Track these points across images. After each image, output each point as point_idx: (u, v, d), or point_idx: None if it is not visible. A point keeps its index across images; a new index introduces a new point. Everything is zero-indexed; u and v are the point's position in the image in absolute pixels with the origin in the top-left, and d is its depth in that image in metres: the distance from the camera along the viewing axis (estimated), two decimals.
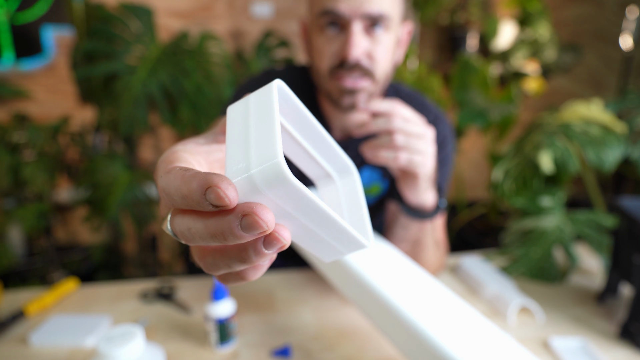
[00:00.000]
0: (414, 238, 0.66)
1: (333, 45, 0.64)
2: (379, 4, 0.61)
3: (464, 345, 0.45)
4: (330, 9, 0.61)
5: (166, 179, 0.22)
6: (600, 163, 0.94)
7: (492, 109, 1.54)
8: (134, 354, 0.48)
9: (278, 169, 0.19)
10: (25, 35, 1.93)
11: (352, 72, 0.64)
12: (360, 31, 0.62)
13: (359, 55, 0.62)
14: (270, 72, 0.81)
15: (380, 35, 0.63)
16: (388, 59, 0.66)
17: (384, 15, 0.61)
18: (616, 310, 0.75)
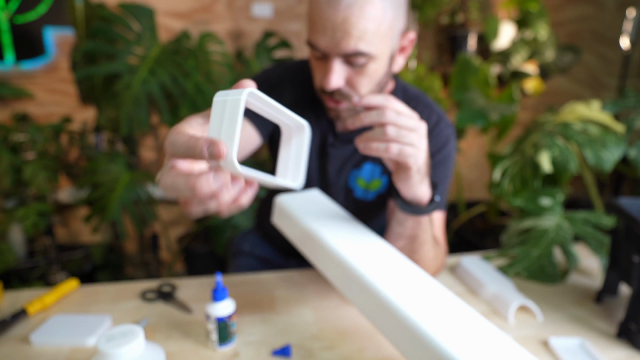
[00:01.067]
0: (410, 234, 0.66)
1: (319, 71, 0.69)
2: (356, 42, 0.62)
3: (464, 345, 0.45)
4: (313, 43, 0.65)
5: (177, 136, 0.36)
6: (599, 163, 0.94)
7: (492, 109, 1.54)
8: (134, 354, 0.48)
9: (232, 162, 0.35)
10: (26, 35, 1.94)
11: (334, 97, 0.69)
12: (339, 64, 0.65)
13: (337, 85, 0.66)
14: (281, 65, 0.85)
15: (361, 67, 0.65)
16: (373, 81, 0.68)
17: (361, 52, 0.62)
18: (615, 310, 0.75)
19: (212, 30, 2.08)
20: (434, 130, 0.78)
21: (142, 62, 1.59)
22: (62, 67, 2.01)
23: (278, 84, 0.81)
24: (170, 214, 2.29)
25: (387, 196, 0.84)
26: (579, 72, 2.58)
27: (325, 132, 0.81)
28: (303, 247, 0.67)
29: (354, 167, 0.82)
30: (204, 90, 1.75)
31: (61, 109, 2.05)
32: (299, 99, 0.81)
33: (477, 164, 2.63)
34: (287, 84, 0.81)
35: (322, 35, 0.62)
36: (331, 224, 0.66)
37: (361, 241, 0.63)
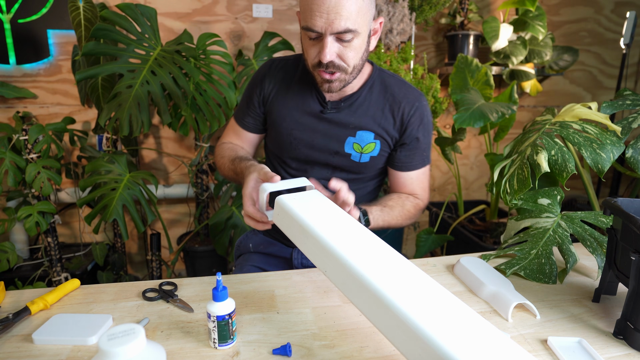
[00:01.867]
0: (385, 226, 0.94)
1: (314, 48, 0.86)
2: (345, 21, 0.79)
3: (463, 344, 0.45)
4: (310, 27, 0.81)
5: (246, 208, 0.81)
6: (597, 163, 0.94)
7: (491, 110, 1.55)
8: (135, 352, 0.49)
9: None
10: (28, 36, 1.94)
11: (328, 69, 0.86)
12: (332, 40, 0.82)
13: (331, 58, 0.84)
14: (271, 60, 1.06)
15: (348, 42, 0.83)
16: (357, 55, 0.86)
17: (350, 29, 0.80)
18: (612, 308, 0.75)
19: (213, 31, 2.09)
20: (415, 103, 0.99)
21: (143, 62, 1.59)
22: (63, 67, 2.02)
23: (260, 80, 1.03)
24: (171, 214, 2.30)
25: (379, 159, 1.02)
26: (577, 72, 2.58)
27: (314, 103, 0.99)
28: (303, 247, 0.68)
29: (350, 136, 0.98)
30: (204, 90, 1.76)
31: (63, 109, 2.06)
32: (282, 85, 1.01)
33: (476, 164, 2.63)
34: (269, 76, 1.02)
35: (319, 17, 0.79)
36: (331, 224, 0.66)
37: (360, 241, 0.63)
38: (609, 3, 2.50)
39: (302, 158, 1.01)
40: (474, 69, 1.90)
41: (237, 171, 0.94)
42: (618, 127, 1.00)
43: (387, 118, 0.98)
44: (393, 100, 0.98)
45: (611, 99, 1.16)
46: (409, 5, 2.07)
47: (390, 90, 0.99)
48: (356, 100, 0.97)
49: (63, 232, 2.20)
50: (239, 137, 1.09)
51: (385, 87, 0.99)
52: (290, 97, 1.00)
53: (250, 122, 1.06)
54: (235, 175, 0.96)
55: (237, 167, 0.94)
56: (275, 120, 1.01)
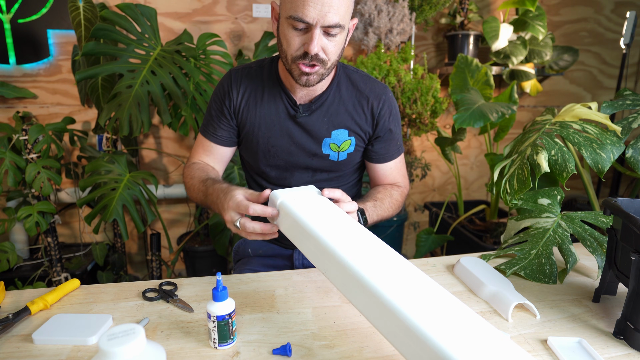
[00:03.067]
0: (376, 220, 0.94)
1: (299, 39, 0.84)
2: (335, 16, 0.80)
3: (463, 344, 0.45)
4: (300, 17, 0.80)
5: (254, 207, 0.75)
6: (597, 163, 0.94)
7: (491, 110, 1.55)
8: (135, 352, 0.49)
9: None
10: (28, 36, 1.94)
11: (311, 61, 0.85)
12: (320, 34, 0.82)
13: (317, 50, 0.83)
14: (230, 70, 1.02)
15: (334, 36, 0.83)
16: (339, 50, 0.87)
17: (339, 24, 0.81)
18: (612, 308, 0.75)
19: (213, 31, 2.09)
20: (384, 97, 1.00)
21: (143, 62, 1.59)
22: (63, 67, 2.02)
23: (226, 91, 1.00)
24: (171, 214, 2.30)
25: (355, 155, 1.03)
26: (577, 72, 2.58)
27: (285, 107, 0.97)
28: (303, 248, 0.68)
29: (326, 137, 0.98)
30: (204, 90, 1.76)
31: (63, 109, 2.06)
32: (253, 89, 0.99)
33: (476, 164, 2.63)
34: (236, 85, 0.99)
35: (312, 8, 0.79)
36: (331, 225, 0.66)
37: (360, 242, 0.63)
38: (609, 3, 2.50)
39: (282, 165, 1.00)
40: (474, 69, 1.90)
41: (207, 192, 0.89)
42: (618, 127, 1.00)
43: (358, 114, 0.99)
44: (360, 95, 0.99)
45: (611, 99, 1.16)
46: (409, 5, 2.07)
47: (357, 86, 0.99)
48: (326, 99, 0.97)
49: (63, 232, 2.20)
50: (209, 154, 1.04)
51: (352, 83, 0.99)
52: (261, 105, 0.98)
53: (223, 135, 1.01)
54: (205, 198, 0.91)
55: (209, 188, 0.89)
56: (250, 131, 0.99)
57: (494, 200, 2.02)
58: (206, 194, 0.90)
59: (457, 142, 1.96)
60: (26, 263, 1.92)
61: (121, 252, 2.05)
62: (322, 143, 0.98)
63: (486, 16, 2.38)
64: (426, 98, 1.91)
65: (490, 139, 1.98)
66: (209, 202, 0.89)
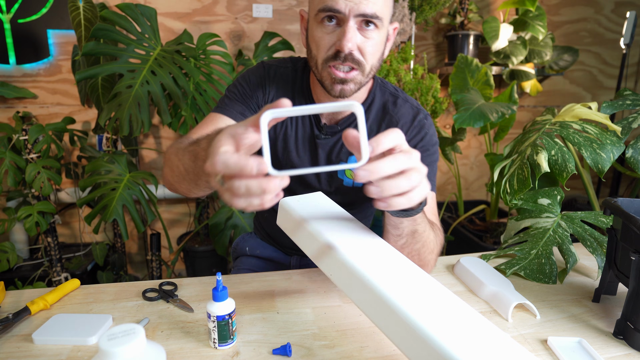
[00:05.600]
0: (408, 231, 0.67)
1: (330, 37, 0.72)
2: (373, 6, 0.69)
3: (464, 344, 0.45)
4: (330, 7, 0.69)
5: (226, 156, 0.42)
6: (597, 163, 0.94)
7: (491, 110, 1.55)
8: (135, 353, 0.49)
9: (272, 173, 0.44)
10: (28, 36, 1.94)
11: (345, 63, 0.72)
12: (354, 27, 0.70)
13: (352, 47, 0.71)
14: (261, 65, 0.89)
15: (371, 33, 0.72)
16: (377, 53, 0.74)
17: (376, 15, 0.69)
18: (613, 309, 0.75)
19: (213, 31, 2.09)
20: (415, 122, 0.86)
21: (143, 62, 1.59)
22: (63, 67, 2.02)
23: (259, 83, 0.87)
24: (171, 214, 2.30)
25: None
26: (577, 72, 2.58)
27: (310, 125, 0.87)
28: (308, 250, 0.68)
29: (342, 161, 0.87)
30: (204, 90, 1.76)
31: (63, 109, 2.06)
32: (282, 95, 0.86)
33: (476, 164, 2.63)
34: (269, 82, 0.87)
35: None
36: (336, 227, 0.66)
37: (364, 243, 0.63)
38: (609, 3, 2.50)
39: (293, 182, 0.90)
40: (474, 69, 1.91)
41: (197, 152, 0.57)
42: (618, 127, 1.00)
43: None
44: (390, 119, 0.86)
45: (611, 99, 1.16)
46: (409, 5, 2.07)
47: (387, 107, 0.87)
48: (353, 123, 0.85)
49: (63, 232, 2.20)
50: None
51: (383, 103, 0.88)
52: (288, 119, 0.87)
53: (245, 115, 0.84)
54: (194, 160, 0.58)
55: (201, 143, 0.57)
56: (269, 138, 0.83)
57: (494, 200, 2.02)
58: (196, 154, 0.58)
59: (457, 142, 1.96)
60: (26, 263, 1.92)
61: (121, 252, 2.05)
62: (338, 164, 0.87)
63: (486, 16, 2.38)
64: (426, 98, 1.91)
65: (490, 139, 1.98)
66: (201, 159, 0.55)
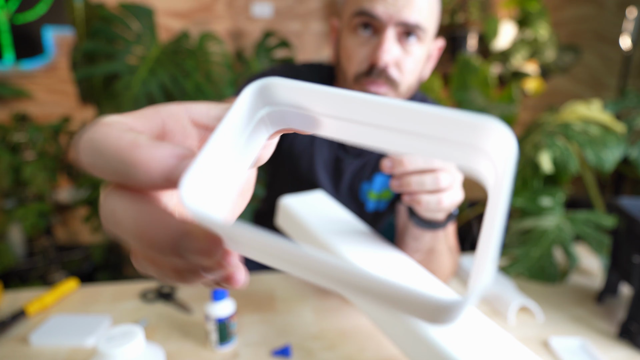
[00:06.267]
0: (427, 247, 0.64)
1: (364, 49, 0.62)
2: (417, 14, 0.59)
3: (465, 344, 0.45)
4: (367, 10, 0.60)
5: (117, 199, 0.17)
6: (600, 163, 0.94)
7: (492, 109, 1.54)
8: (134, 354, 0.48)
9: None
10: (25, 35, 1.94)
11: (378, 80, 0.62)
12: (393, 37, 0.60)
13: (389, 62, 0.61)
14: (289, 66, 0.80)
15: (412, 46, 0.62)
16: (416, 71, 0.64)
17: (420, 26, 0.60)
18: (615, 310, 0.75)
19: (212, 30, 2.08)
20: None
21: (142, 62, 1.59)
22: (61, 67, 2.01)
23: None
24: None
25: (396, 201, 0.82)
26: (580, 72, 2.58)
27: (335, 147, 0.77)
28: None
29: (365, 180, 0.79)
30: (204, 90, 1.75)
31: (61, 108, 2.05)
32: None
33: None
34: None
35: (383, 1, 0.59)
36: (337, 228, 0.65)
37: (366, 244, 0.63)
38: (612, 2, 2.49)
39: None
40: (475, 68, 1.90)
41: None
42: (621, 127, 0.99)
43: None
44: None
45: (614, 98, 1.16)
46: None
47: None
48: None
49: (61, 232, 2.19)
50: None
51: None
52: (309, 138, 0.78)
53: None
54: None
55: None
56: (294, 152, 0.78)
57: None
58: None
59: None
60: (24, 263, 1.91)
61: (119, 252, 2.04)
62: (358, 187, 0.79)
63: (488, 15, 2.37)
64: None
65: None
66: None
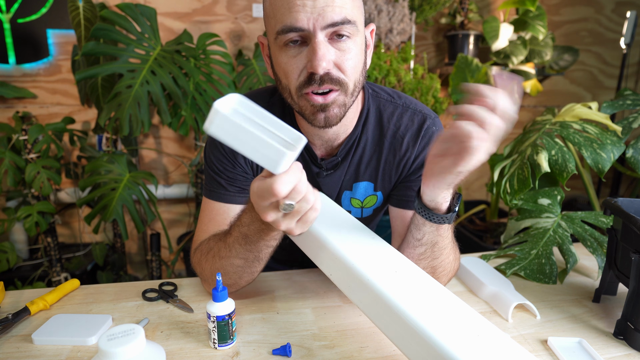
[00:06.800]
0: (429, 240, 0.64)
1: (298, 61, 0.60)
2: (340, 10, 0.57)
3: (464, 344, 0.45)
4: (290, 25, 0.57)
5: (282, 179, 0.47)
6: (597, 163, 0.94)
7: None
8: (135, 353, 0.49)
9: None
10: (27, 36, 1.94)
11: (323, 85, 0.60)
12: (325, 42, 0.58)
13: (327, 66, 0.59)
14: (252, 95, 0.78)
15: (346, 43, 0.60)
16: (358, 65, 0.63)
17: (348, 20, 0.58)
18: (613, 309, 0.75)
19: (213, 31, 2.09)
20: (422, 132, 0.75)
21: (143, 62, 1.59)
22: (63, 67, 2.01)
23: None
24: (171, 214, 2.29)
25: (383, 207, 0.82)
26: (577, 72, 2.58)
27: (306, 162, 0.75)
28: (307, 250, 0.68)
29: (346, 190, 0.78)
30: (204, 90, 1.76)
31: (63, 109, 2.06)
32: None
33: None
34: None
35: (302, 11, 0.56)
36: (336, 228, 0.66)
37: (364, 242, 0.63)
38: (610, 3, 2.50)
39: None
40: (474, 68, 1.90)
41: (243, 233, 0.61)
42: (618, 127, 1.00)
43: (388, 162, 0.75)
44: (394, 137, 0.74)
45: (611, 98, 1.16)
46: (409, 5, 2.07)
47: (389, 120, 0.75)
48: (353, 148, 0.74)
49: (63, 232, 2.19)
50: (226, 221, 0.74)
51: (380, 118, 0.75)
52: None
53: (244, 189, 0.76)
54: (245, 242, 0.62)
55: (240, 226, 0.61)
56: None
57: (494, 200, 2.02)
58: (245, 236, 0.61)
59: None
60: (26, 263, 1.92)
61: (121, 252, 2.05)
62: (341, 198, 0.78)
63: (486, 16, 2.38)
64: (426, 98, 1.91)
65: None
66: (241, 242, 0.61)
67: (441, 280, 0.70)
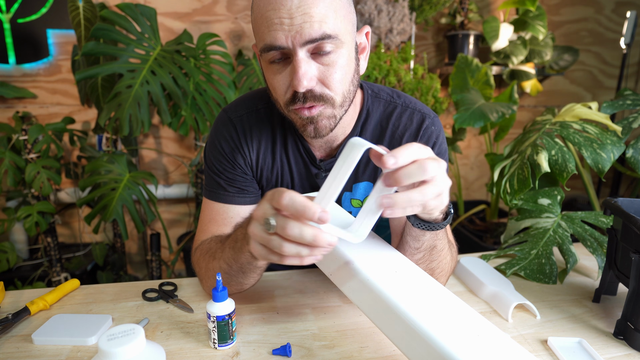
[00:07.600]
0: (428, 246, 0.64)
1: (282, 78, 0.61)
2: (319, 25, 0.56)
3: (464, 344, 0.45)
4: (270, 44, 0.57)
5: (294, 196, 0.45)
6: (597, 163, 0.94)
7: (491, 110, 1.55)
8: (135, 353, 0.49)
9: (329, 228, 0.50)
10: (27, 36, 1.94)
11: (306, 103, 0.60)
12: (306, 59, 0.58)
13: (310, 84, 0.58)
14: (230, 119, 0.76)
15: (330, 56, 0.59)
16: (346, 76, 0.62)
17: (329, 35, 0.57)
18: (613, 309, 0.75)
19: (213, 31, 2.09)
20: (421, 132, 0.75)
21: (143, 62, 1.59)
22: (63, 67, 2.01)
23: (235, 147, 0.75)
24: (171, 214, 2.29)
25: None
26: (578, 72, 2.58)
27: (304, 164, 0.76)
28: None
29: (346, 191, 0.78)
30: (204, 90, 1.76)
31: (63, 109, 2.06)
32: (267, 144, 0.76)
33: (476, 164, 2.63)
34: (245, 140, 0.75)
35: (280, 29, 0.56)
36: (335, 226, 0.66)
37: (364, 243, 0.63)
38: (610, 3, 2.50)
39: None
40: (474, 68, 1.90)
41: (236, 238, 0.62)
42: (618, 127, 1.00)
43: None
44: (392, 136, 0.75)
45: (611, 98, 1.16)
46: (409, 5, 2.07)
47: (387, 120, 0.75)
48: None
49: (63, 232, 2.19)
50: (227, 223, 0.76)
51: (381, 119, 0.75)
52: (277, 159, 0.76)
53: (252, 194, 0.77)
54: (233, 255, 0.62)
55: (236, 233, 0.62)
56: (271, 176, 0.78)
57: (494, 200, 2.02)
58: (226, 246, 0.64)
59: (457, 142, 1.96)
60: (26, 263, 1.92)
61: (121, 252, 2.05)
62: (341, 198, 0.78)
63: (486, 16, 2.38)
64: (426, 98, 1.91)
65: (490, 139, 1.98)
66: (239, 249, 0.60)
67: (440, 281, 0.70)
